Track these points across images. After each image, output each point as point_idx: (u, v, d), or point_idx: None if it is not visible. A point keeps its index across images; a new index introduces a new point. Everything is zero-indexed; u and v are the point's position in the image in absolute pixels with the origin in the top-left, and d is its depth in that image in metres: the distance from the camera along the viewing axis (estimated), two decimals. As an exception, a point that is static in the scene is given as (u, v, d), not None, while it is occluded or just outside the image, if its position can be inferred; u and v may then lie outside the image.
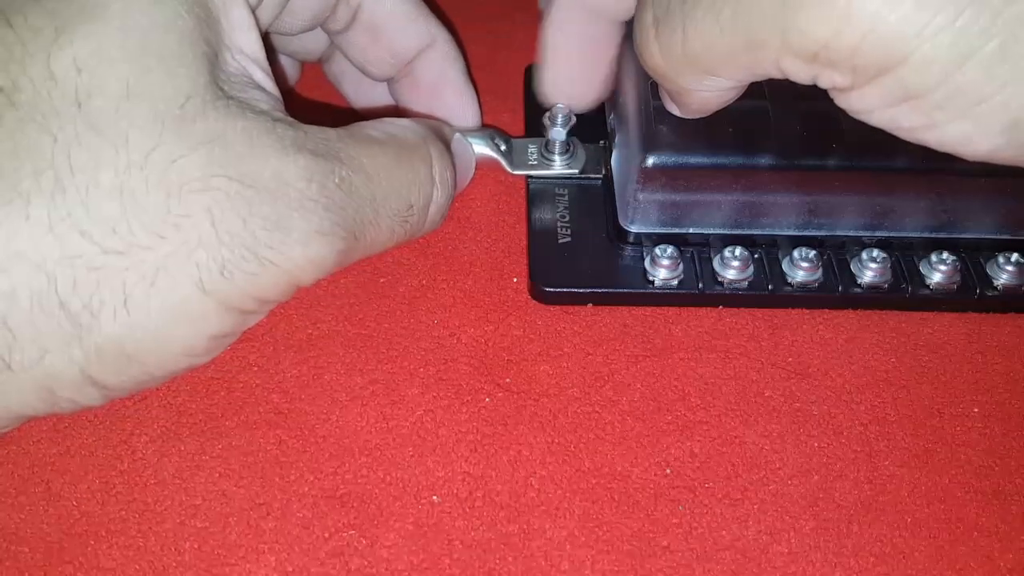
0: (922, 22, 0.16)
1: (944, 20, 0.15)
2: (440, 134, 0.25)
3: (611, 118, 0.28)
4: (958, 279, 0.25)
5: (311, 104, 0.31)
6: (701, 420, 0.23)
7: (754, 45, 0.18)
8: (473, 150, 0.27)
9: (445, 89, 0.28)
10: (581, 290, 0.25)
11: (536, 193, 0.28)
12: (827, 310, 0.26)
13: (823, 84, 0.18)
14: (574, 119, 0.27)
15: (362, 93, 0.30)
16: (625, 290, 0.25)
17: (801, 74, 0.18)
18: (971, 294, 0.25)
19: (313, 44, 0.28)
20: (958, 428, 0.23)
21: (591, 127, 0.28)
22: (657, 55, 0.20)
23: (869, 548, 0.21)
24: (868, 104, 0.18)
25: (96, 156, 0.18)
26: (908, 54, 0.16)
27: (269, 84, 0.21)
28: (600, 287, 0.25)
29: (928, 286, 0.25)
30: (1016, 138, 0.16)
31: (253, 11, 0.21)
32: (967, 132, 0.17)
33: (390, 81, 0.28)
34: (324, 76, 0.31)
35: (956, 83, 0.16)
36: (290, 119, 0.20)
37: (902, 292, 0.25)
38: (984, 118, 0.16)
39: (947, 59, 0.16)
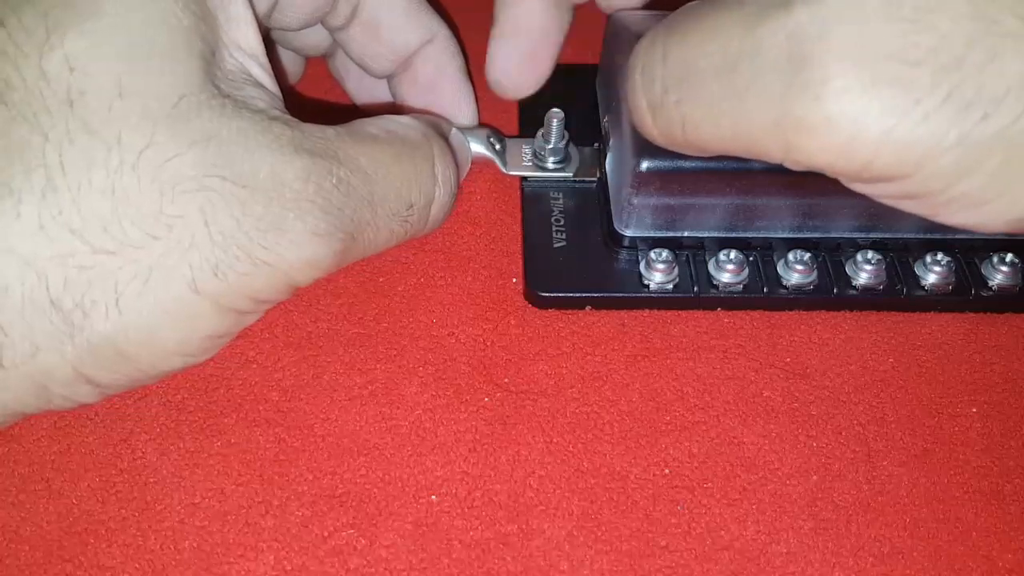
0: (926, 144, 0.15)
1: (949, 141, 0.15)
2: (440, 130, 0.25)
3: (605, 121, 0.28)
4: (953, 280, 0.25)
5: (315, 101, 0.31)
6: (700, 420, 0.23)
7: (757, 152, 0.17)
8: (470, 145, 0.27)
9: (443, 85, 0.28)
10: (577, 295, 0.25)
11: (530, 197, 0.28)
12: (823, 311, 0.26)
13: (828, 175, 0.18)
14: (565, 133, 0.27)
15: (364, 89, 0.30)
16: (621, 294, 0.25)
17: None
18: (966, 295, 0.25)
19: (315, 40, 0.28)
20: (956, 428, 0.23)
21: (586, 130, 0.28)
22: (656, 136, 0.20)
23: (868, 548, 0.21)
24: (873, 193, 0.18)
25: (88, 155, 0.18)
26: (911, 173, 0.16)
27: (268, 81, 0.21)
28: (596, 292, 0.25)
29: (923, 287, 0.25)
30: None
31: (252, 6, 0.21)
32: (974, 222, 0.17)
33: (389, 77, 0.28)
34: (327, 71, 0.31)
35: (960, 190, 0.16)
36: (287, 117, 0.20)
37: (897, 293, 0.25)
38: (989, 215, 0.16)
39: (951, 173, 0.16)
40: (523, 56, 0.27)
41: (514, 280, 0.26)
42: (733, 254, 0.25)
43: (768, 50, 0.16)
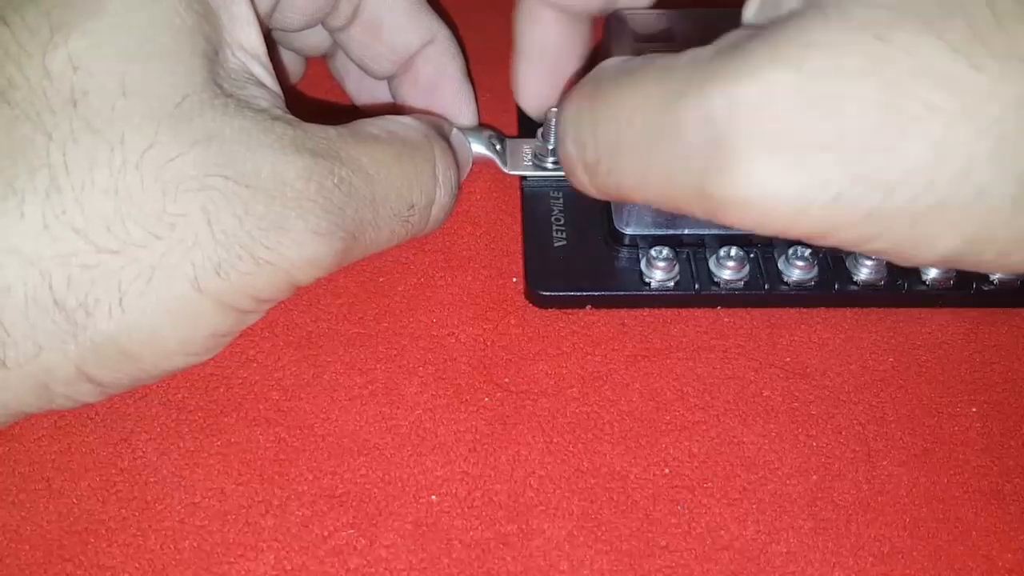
0: (836, 219, 0.16)
1: (858, 216, 0.16)
2: (441, 131, 0.25)
3: None
4: (954, 274, 0.25)
5: (315, 101, 0.31)
6: (700, 420, 0.23)
7: (687, 213, 0.18)
8: (470, 145, 0.27)
9: (443, 86, 0.28)
10: (577, 293, 0.25)
11: (531, 196, 0.28)
12: (824, 309, 0.26)
13: None
14: None
15: (364, 90, 0.30)
16: (621, 292, 0.25)
17: None
18: (967, 289, 0.25)
19: (315, 40, 0.28)
20: (956, 427, 0.23)
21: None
22: (594, 193, 0.21)
23: (868, 547, 0.21)
24: None
25: (91, 154, 0.18)
26: (827, 236, 0.17)
27: (269, 80, 0.21)
28: (597, 290, 0.25)
29: (925, 282, 0.25)
30: (952, 264, 0.17)
31: (254, 5, 0.21)
32: (903, 262, 0.17)
33: (390, 78, 0.28)
34: (327, 71, 0.31)
35: (875, 247, 0.17)
36: (290, 117, 0.20)
37: (899, 289, 0.25)
38: (913, 260, 0.17)
39: (864, 238, 0.16)
40: (550, 77, 0.27)
41: (514, 280, 0.26)
42: (734, 251, 0.25)
43: (687, 131, 0.17)
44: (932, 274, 0.25)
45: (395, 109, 0.29)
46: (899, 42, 0.15)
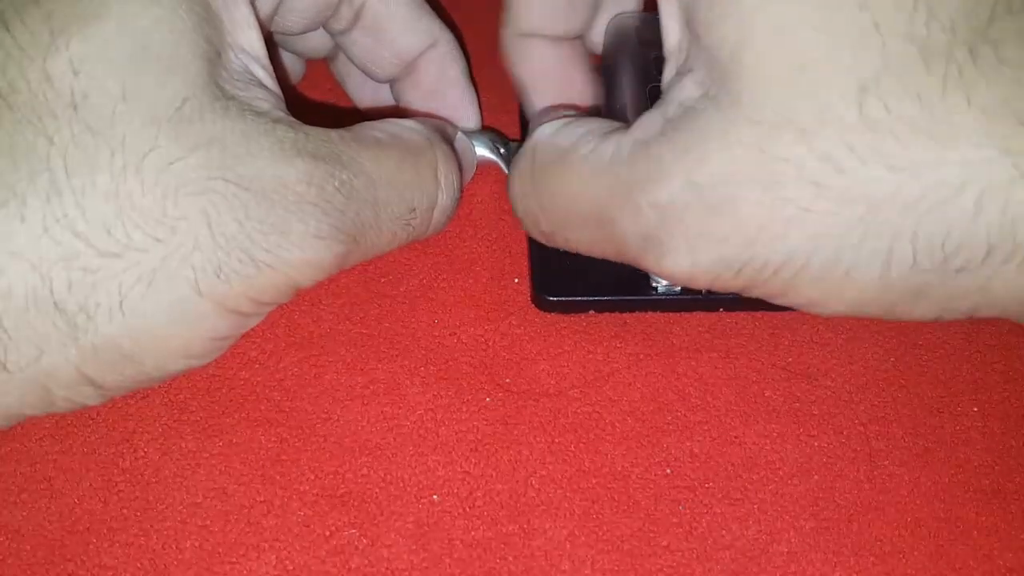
0: (743, 286, 0.20)
1: (757, 287, 0.19)
2: (444, 135, 0.25)
3: None
4: None
5: (315, 103, 0.31)
6: (701, 420, 0.23)
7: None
8: (475, 150, 0.27)
9: (446, 89, 0.28)
10: (585, 298, 0.25)
11: None
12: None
13: None
14: None
15: (366, 92, 0.30)
16: (628, 297, 0.25)
17: None
18: None
19: (317, 43, 0.28)
20: (957, 427, 0.23)
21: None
22: (543, 240, 0.23)
23: (869, 547, 0.21)
24: None
25: (92, 158, 0.18)
26: (744, 290, 0.20)
27: (270, 82, 0.21)
28: (604, 295, 0.25)
29: None
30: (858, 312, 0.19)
31: (254, 7, 0.21)
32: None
33: (392, 81, 0.28)
34: (329, 73, 0.31)
35: (786, 301, 0.20)
36: (291, 119, 0.20)
37: None
38: (823, 311, 0.20)
39: (771, 295, 0.20)
40: (559, 99, 0.27)
41: (515, 280, 0.26)
42: None
43: (621, 225, 0.20)
44: None
45: (398, 112, 0.29)
46: (776, 153, 0.18)
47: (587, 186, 0.21)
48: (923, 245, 0.17)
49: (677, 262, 0.19)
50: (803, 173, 0.17)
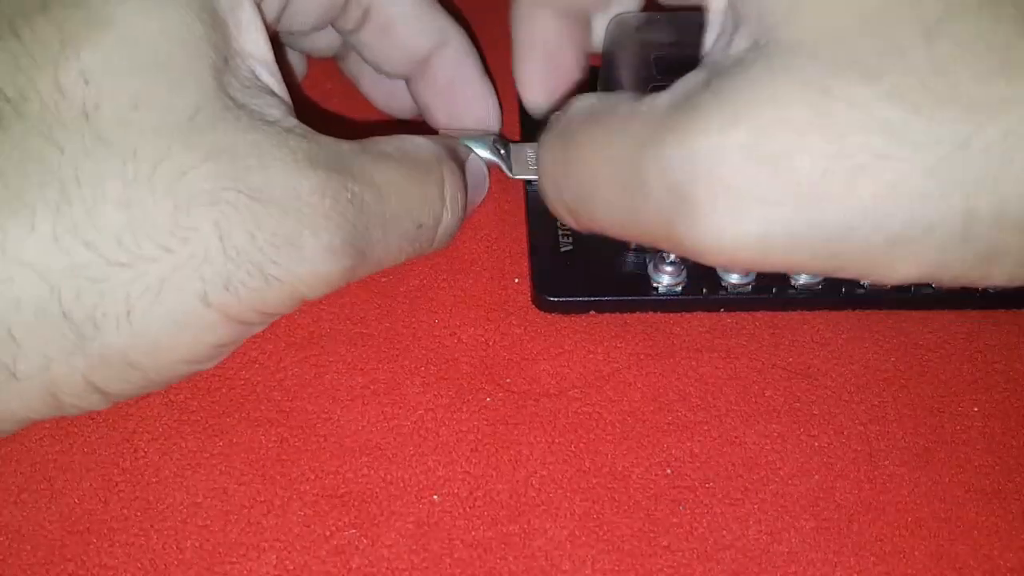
0: (795, 261, 0.17)
1: (814, 254, 0.17)
2: (455, 154, 0.25)
3: None
4: None
5: (315, 103, 0.31)
6: (702, 420, 0.23)
7: (670, 251, 0.19)
8: (487, 171, 0.27)
9: (462, 88, 0.27)
10: (585, 299, 0.25)
11: (536, 201, 0.27)
12: (827, 310, 0.26)
13: None
14: None
15: (380, 90, 0.29)
16: (629, 297, 0.25)
17: None
18: (972, 292, 0.25)
19: (326, 42, 0.28)
20: (958, 427, 0.23)
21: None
22: (581, 229, 0.22)
23: (869, 547, 0.21)
24: None
25: (103, 168, 0.17)
26: (795, 266, 0.18)
27: (278, 87, 0.21)
28: (604, 295, 0.25)
29: (931, 285, 0.25)
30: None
31: (260, 10, 0.21)
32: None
33: (408, 80, 0.28)
34: (329, 72, 0.31)
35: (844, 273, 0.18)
36: (303, 128, 0.20)
37: (906, 291, 0.25)
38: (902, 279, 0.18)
39: (824, 271, 0.18)
40: (551, 74, 0.27)
41: (516, 280, 0.26)
42: None
43: (651, 186, 0.18)
44: None
45: (405, 128, 0.28)
46: (840, 93, 0.16)
47: (618, 142, 0.19)
48: (1007, 195, 0.16)
49: (715, 229, 0.17)
50: (872, 115, 0.16)
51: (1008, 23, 0.16)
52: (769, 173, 0.16)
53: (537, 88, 0.27)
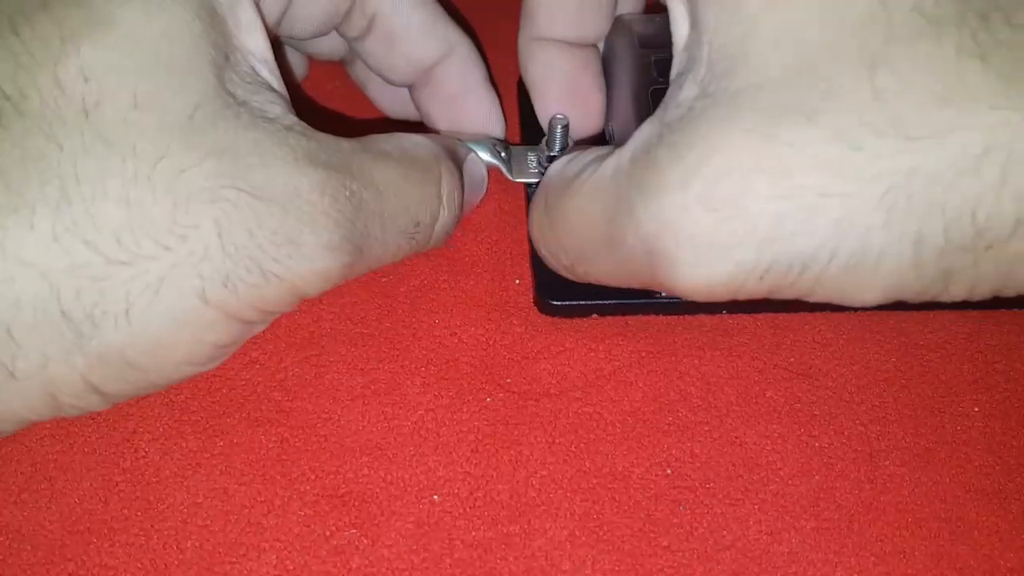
0: (765, 292, 0.18)
1: (783, 290, 0.18)
2: (453, 153, 0.25)
3: (609, 127, 0.28)
4: None
5: (316, 106, 0.31)
6: (702, 420, 0.23)
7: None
8: (486, 171, 0.27)
9: (466, 96, 0.27)
10: (588, 302, 0.25)
11: None
12: (828, 311, 0.26)
13: None
14: (570, 139, 0.27)
15: (386, 96, 0.29)
16: (632, 300, 0.25)
17: None
18: None
19: (330, 47, 0.28)
20: (959, 427, 0.23)
21: (591, 136, 0.28)
22: (577, 280, 0.23)
23: (869, 548, 0.21)
24: None
25: (103, 166, 0.17)
26: (770, 294, 0.19)
27: (277, 84, 0.21)
28: (607, 298, 0.25)
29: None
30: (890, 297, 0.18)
31: (260, 12, 0.21)
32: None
33: (412, 87, 0.28)
34: (329, 72, 0.31)
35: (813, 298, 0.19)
36: (302, 126, 0.20)
37: None
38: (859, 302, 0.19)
39: (796, 295, 0.18)
40: (572, 102, 0.27)
41: (517, 281, 0.26)
42: None
43: (627, 240, 0.19)
44: None
45: (409, 127, 0.28)
46: (784, 137, 0.17)
47: (593, 207, 0.20)
48: (953, 220, 0.16)
49: (690, 275, 0.18)
50: (815, 155, 0.16)
51: (950, 44, 0.16)
52: (726, 219, 0.17)
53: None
